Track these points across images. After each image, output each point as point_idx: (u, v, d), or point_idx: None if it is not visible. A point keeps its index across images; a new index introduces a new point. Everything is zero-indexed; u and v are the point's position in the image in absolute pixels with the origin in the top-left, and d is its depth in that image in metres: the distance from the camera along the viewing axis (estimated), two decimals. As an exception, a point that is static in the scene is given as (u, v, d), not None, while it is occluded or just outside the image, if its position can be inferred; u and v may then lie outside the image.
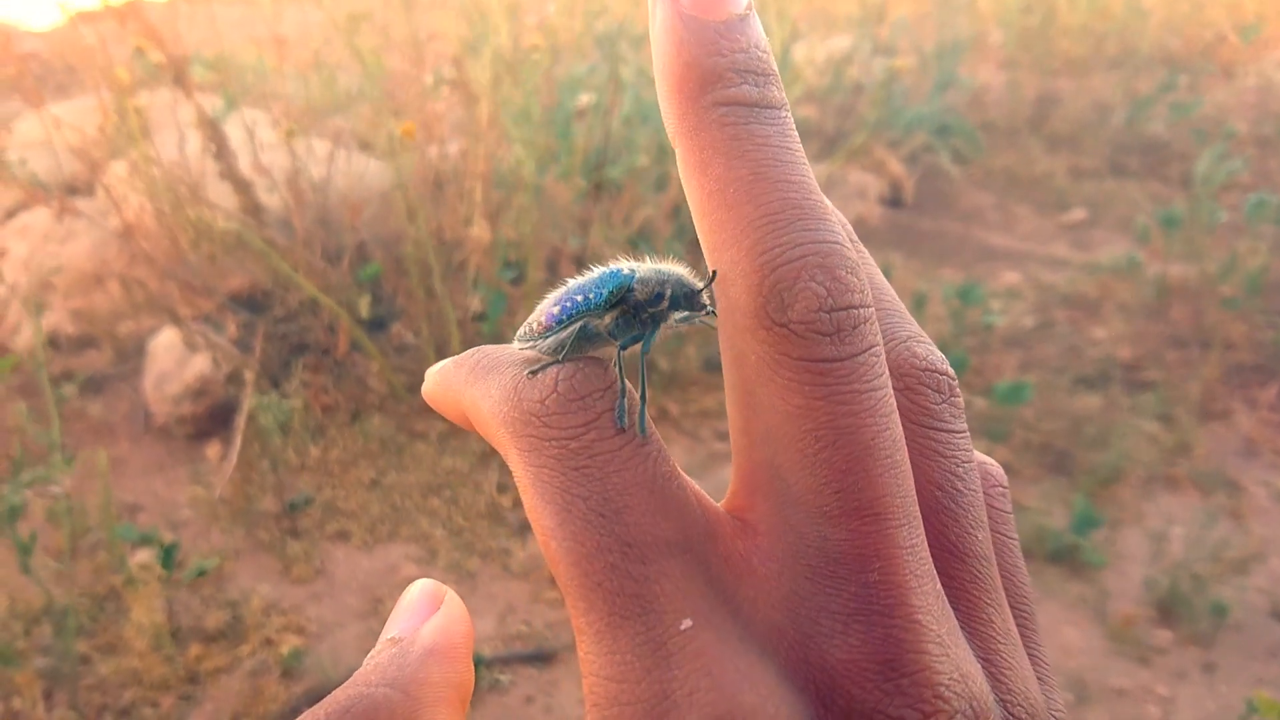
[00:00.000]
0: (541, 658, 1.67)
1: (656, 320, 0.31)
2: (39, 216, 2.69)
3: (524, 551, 1.92)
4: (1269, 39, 4.31)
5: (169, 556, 1.76)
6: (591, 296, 0.31)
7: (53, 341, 2.51)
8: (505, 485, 2.10)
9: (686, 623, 0.23)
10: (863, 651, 0.23)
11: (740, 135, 0.26)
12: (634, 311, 0.31)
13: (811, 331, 0.24)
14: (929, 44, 4.13)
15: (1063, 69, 4.35)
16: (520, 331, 0.32)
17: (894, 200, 3.55)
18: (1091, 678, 1.64)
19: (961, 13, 4.45)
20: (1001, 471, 0.32)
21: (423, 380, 0.32)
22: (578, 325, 0.31)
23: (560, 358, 0.29)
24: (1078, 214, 3.43)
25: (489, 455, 2.17)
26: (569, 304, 0.31)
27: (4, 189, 2.69)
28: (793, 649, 0.24)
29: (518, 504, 2.05)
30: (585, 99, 2.74)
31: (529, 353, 0.30)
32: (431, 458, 2.17)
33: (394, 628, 0.29)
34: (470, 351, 0.31)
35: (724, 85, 0.26)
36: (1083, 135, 3.88)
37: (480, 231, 2.22)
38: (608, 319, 0.31)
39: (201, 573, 1.82)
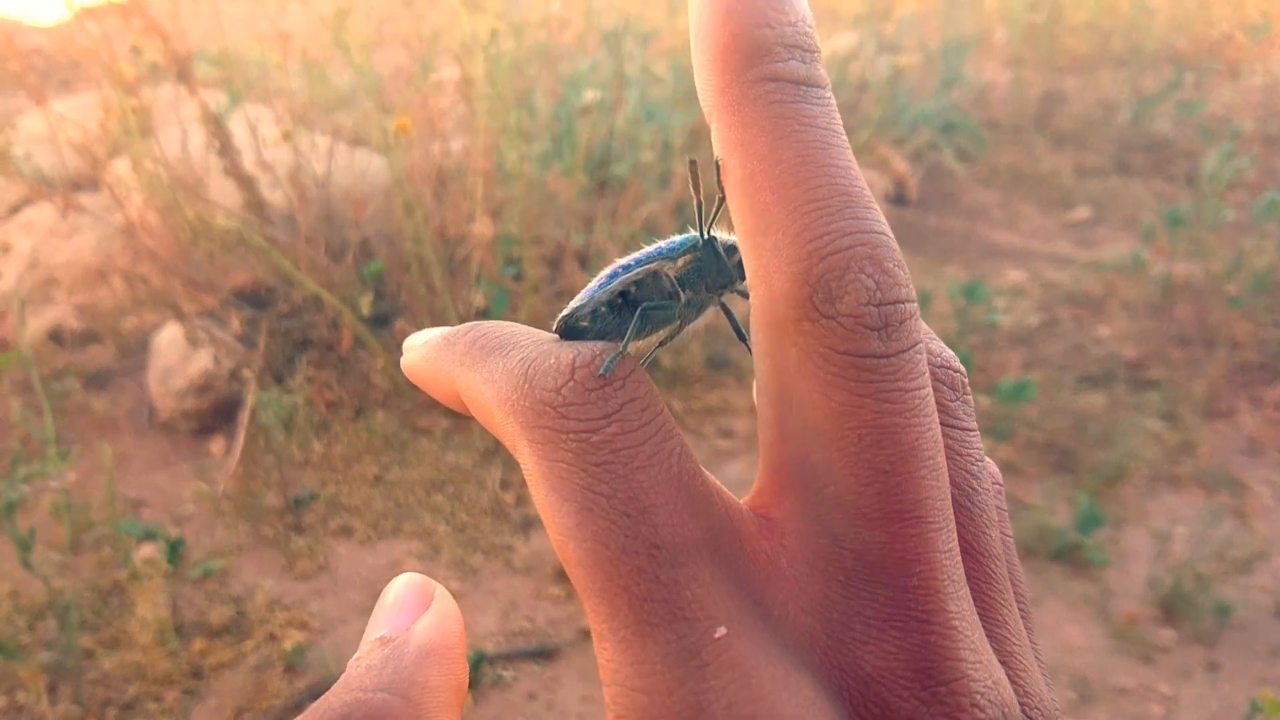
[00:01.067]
0: (544, 654, 1.67)
1: (723, 283, 0.29)
2: (43, 212, 2.69)
3: (527, 548, 1.92)
4: (1276, 37, 4.29)
5: (174, 552, 1.77)
6: (664, 246, 0.30)
7: (57, 337, 2.52)
8: (508, 482, 2.10)
9: (721, 630, 0.22)
10: (899, 659, 0.23)
11: (787, 114, 0.24)
12: (707, 262, 0.29)
13: (860, 325, 0.23)
14: (934, 41, 4.12)
15: (1068, 66, 4.34)
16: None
17: (898, 198, 3.54)
18: (1094, 676, 1.63)
19: (967, 10, 4.44)
20: (996, 469, 0.31)
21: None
22: (648, 271, 0.29)
23: (611, 306, 0.28)
24: (1082, 212, 3.42)
25: (492, 452, 2.17)
26: (640, 255, 0.30)
27: (8, 184, 2.70)
28: (825, 655, 0.23)
29: (520, 501, 2.05)
30: (590, 95, 2.74)
31: (540, 331, 0.27)
32: (434, 454, 2.17)
33: (381, 626, 0.27)
34: (465, 327, 0.28)
35: (771, 59, 0.25)
36: (1088, 133, 3.87)
37: (482, 228, 2.22)
38: (680, 262, 0.29)
39: (207, 572, 1.82)
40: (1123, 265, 2.84)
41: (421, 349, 0.28)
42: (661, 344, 0.31)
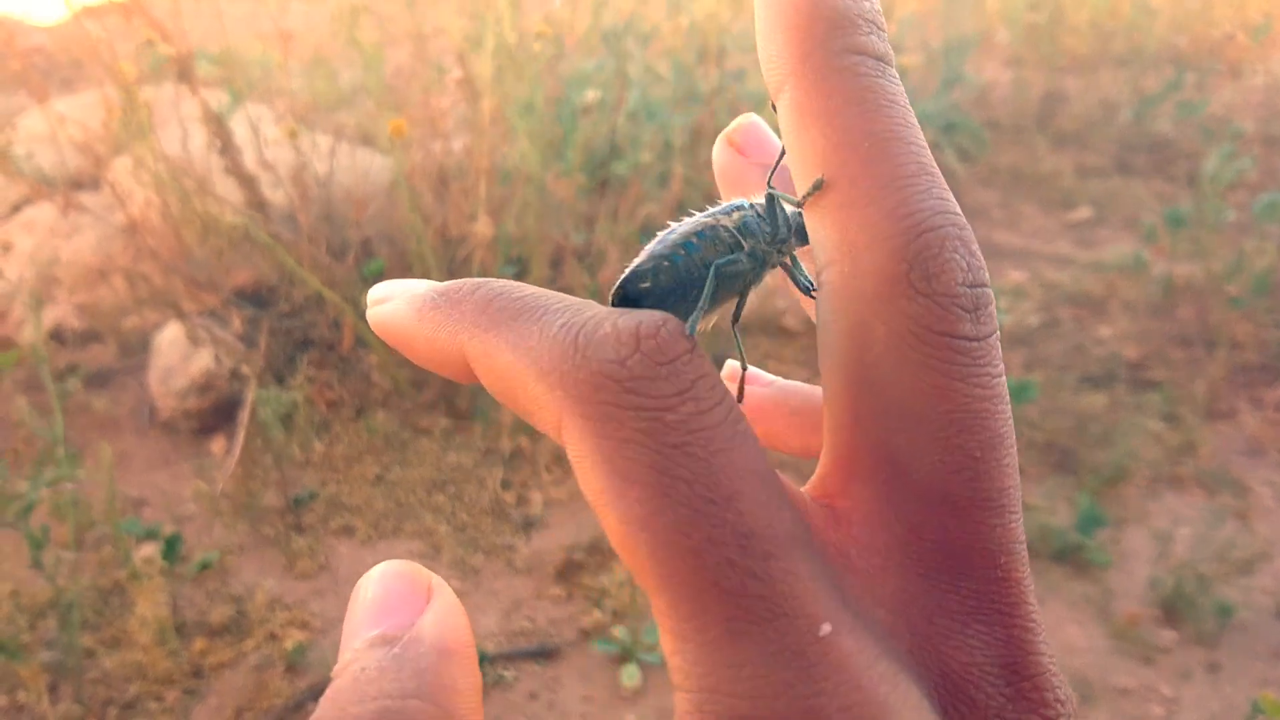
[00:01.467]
0: (545, 654, 1.67)
1: (781, 238, 0.28)
2: (44, 211, 2.69)
3: (528, 548, 1.92)
4: (1277, 38, 4.29)
5: (171, 549, 1.77)
6: (715, 210, 0.28)
7: (58, 336, 2.52)
8: (509, 482, 2.10)
9: (826, 627, 0.20)
10: (985, 654, 0.22)
11: (874, 88, 0.24)
12: (765, 214, 0.28)
13: (955, 306, 0.22)
14: (935, 41, 4.12)
15: (1069, 67, 4.34)
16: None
17: (899, 198, 3.53)
18: (1095, 677, 1.63)
19: (968, 10, 4.44)
20: None
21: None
22: (705, 225, 0.28)
23: (674, 261, 0.26)
24: (1084, 212, 3.42)
25: (492, 451, 2.17)
26: (690, 220, 0.28)
27: (9, 184, 2.70)
28: (911, 653, 0.22)
29: (521, 501, 2.05)
30: (591, 95, 2.74)
31: (566, 295, 0.24)
32: (435, 454, 2.17)
33: (374, 623, 0.23)
34: (469, 284, 0.25)
35: (855, 32, 0.25)
36: (1089, 133, 3.87)
37: (483, 227, 2.22)
38: (736, 216, 0.28)
39: (205, 566, 1.82)
40: (1124, 265, 2.83)
41: (405, 304, 0.25)
42: (735, 316, 0.29)
